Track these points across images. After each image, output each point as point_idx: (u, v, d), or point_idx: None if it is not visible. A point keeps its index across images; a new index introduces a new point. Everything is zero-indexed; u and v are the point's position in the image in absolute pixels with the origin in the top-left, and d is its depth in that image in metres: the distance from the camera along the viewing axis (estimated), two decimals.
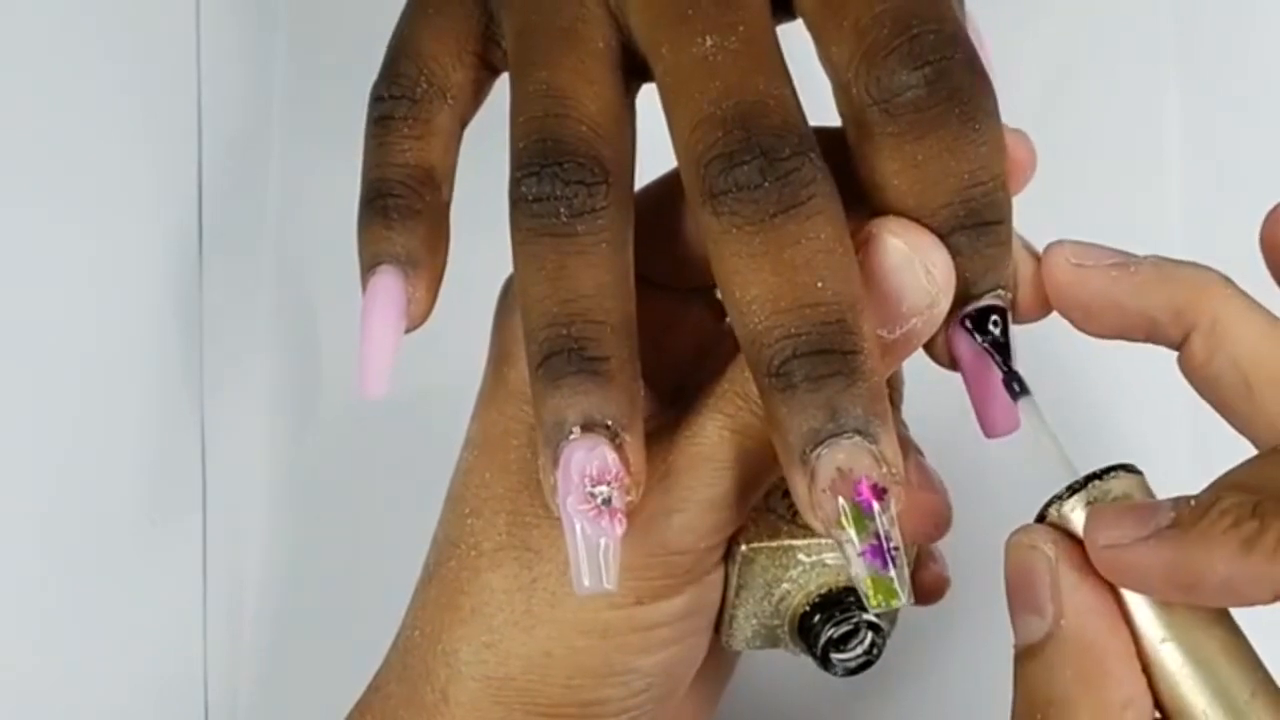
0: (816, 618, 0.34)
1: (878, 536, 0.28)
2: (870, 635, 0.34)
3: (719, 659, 0.38)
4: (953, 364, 0.31)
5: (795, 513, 0.34)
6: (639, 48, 0.31)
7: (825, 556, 0.34)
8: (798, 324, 0.28)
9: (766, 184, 0.28)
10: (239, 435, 0.49)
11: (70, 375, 0.48)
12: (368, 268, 0.33)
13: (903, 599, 0.28)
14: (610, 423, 0.29)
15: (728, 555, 0.34)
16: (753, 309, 0.28)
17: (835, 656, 0.34)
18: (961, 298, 0.30)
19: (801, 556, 0.34)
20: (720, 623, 0.35)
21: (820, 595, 0.34)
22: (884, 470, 0.28)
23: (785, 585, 0.34)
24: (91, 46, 0.48)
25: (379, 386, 0.33)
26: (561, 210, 0.29)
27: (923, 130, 0.29)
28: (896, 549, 0.28)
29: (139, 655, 0.48)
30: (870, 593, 0.28)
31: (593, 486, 0.29)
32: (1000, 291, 0.31)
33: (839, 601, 0.34)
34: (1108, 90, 0.48)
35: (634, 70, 0.32)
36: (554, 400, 0.29)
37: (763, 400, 0.29)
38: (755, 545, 0.33)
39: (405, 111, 0.33)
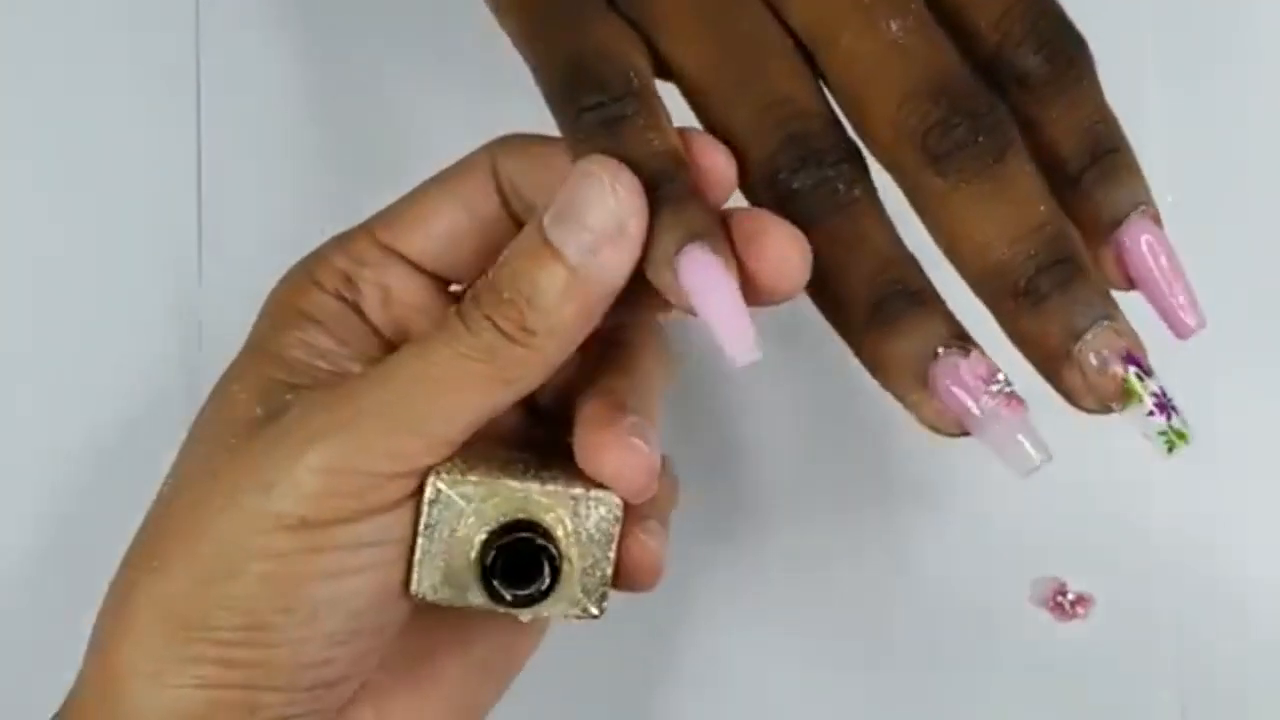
0: (493, 550, 0.34)
1: (1156, 394, 0.32)
2: (547, 566, 0.34)
3: (491, 632, 0.38)
4: (1129, 284, 0.34)
5: (491, 455, 0.35)
6: (803, 39, 0.34)
7: (506, 481, 0.34)
8: (1034, 245, 0.32)
9: (981, 139, 0.32)
10: None
11: (69, 375, 0.48)
12: (679, 247, 0.32)
13: (1191, 439, 0.32)
14: (961, 337, 0.33)
15: (421, 496, 0.34)
16: (992, 245, 0.32)
17: (510, 591, 0.34)
18: (1111, 222, 0.34)
19: (485, 491, 0.34)
20: (408, 572, 0.34)
21: (501, 524, 0.34)
22: (1135, 341, 0.32)
23: (470, 518, 0.34)
24: (91, 46, 0.49)
25: (751, 350, 0.32)
26: (839, 187, 0.33)
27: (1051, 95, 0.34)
28: (1170, 399, 0.32)
29: None
30: (1167, 444, 0.32)
31: (988, 385, 0.32)
32: (1143, 207, 0.34)
33: (515, 528, 0.34)
34: None
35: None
36: (898, 337, 0.33)
37: (1010, 323, 0.33)
38: (444, 480, 0.34)
39: (635, 108, 0.33)
